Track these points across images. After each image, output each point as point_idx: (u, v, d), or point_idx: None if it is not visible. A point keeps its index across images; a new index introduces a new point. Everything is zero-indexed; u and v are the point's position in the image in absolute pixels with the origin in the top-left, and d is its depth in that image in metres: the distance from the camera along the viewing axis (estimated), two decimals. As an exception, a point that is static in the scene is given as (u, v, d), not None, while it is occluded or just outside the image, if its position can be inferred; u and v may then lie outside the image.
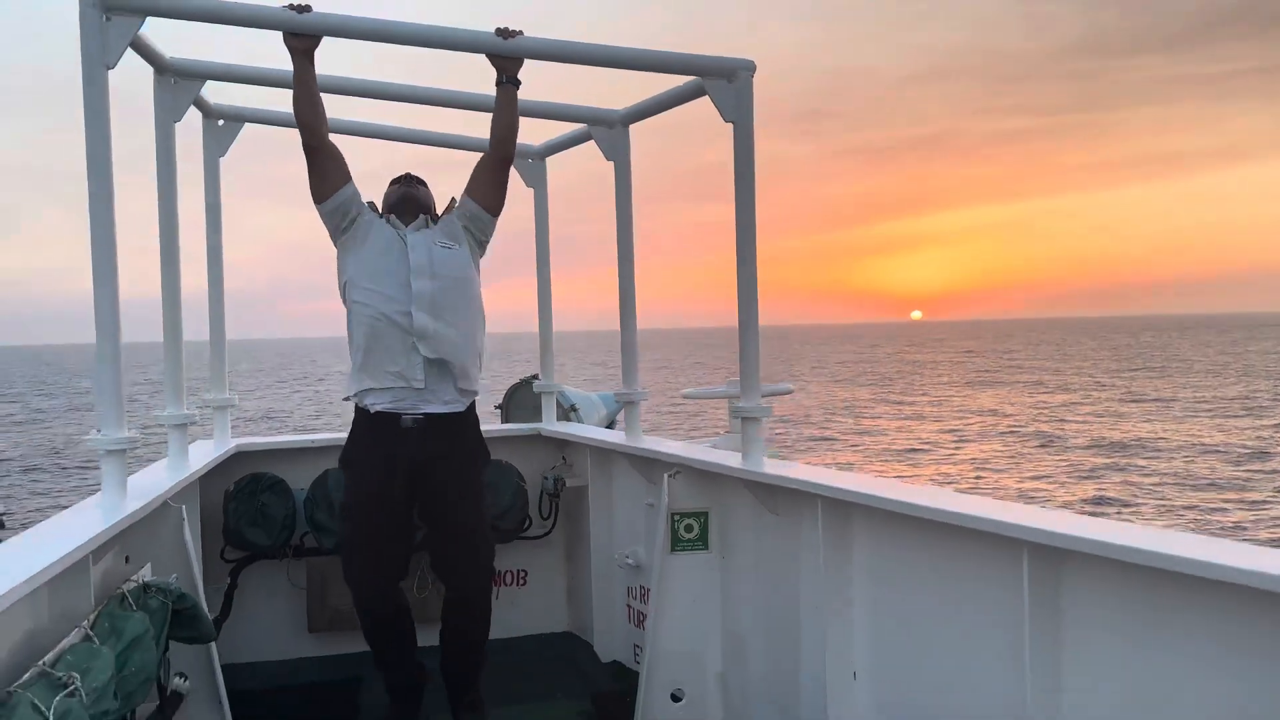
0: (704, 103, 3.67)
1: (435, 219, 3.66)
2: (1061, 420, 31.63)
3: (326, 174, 3.47)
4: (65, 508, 3.14)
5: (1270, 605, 1.93)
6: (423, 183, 3.71)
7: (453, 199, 3.67)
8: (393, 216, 3.60)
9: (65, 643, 2.37)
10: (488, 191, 3.61)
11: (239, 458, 4.55)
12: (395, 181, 3.68)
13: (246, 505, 4.44)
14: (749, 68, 3.58)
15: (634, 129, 4.38)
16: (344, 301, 3.54)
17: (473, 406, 3.66)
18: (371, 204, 3.64)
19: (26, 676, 2.13)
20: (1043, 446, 25.98)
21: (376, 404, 3.49)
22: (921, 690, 2.91)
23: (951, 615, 2.79)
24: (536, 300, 5.19)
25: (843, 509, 3.16)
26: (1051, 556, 2.43)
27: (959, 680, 2.76)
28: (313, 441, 4.72)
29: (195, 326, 4.54)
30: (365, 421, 3.54)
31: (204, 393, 4.62)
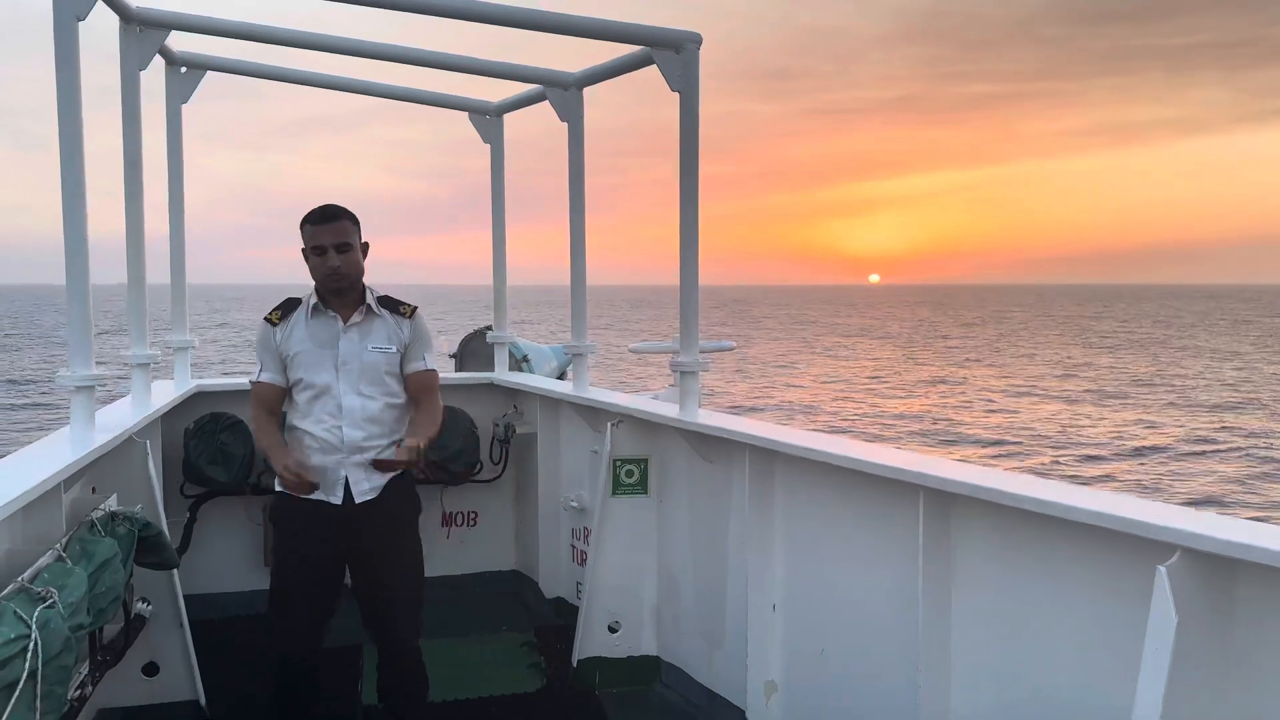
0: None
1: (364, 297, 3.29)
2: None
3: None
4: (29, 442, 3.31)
5: (1113, 542, 2.21)
6: (348, 235, 3.20)
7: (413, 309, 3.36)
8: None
9: (41, 562, 2.56)
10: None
11: (199, 398, 4.72)
12: (316, 249, 3.18)
13: (206, 443, 4.61)
14: (695, 40, 3.76)
15: (589, 88, 4.54)
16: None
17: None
18: (286, 303, 3.31)
19: (7, 590, 2.32)
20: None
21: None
22: (828, 621, 3.20)
23: (855, 553, 3.08)
24: (491, 254, 5.38)
25: (766, 457, 3.42)
26: (943, 500, 2.70)
27: (861, 611, 3.05)
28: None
29: (158, 268, 4.67)
30: None
31: (165, 335, 4.77)
